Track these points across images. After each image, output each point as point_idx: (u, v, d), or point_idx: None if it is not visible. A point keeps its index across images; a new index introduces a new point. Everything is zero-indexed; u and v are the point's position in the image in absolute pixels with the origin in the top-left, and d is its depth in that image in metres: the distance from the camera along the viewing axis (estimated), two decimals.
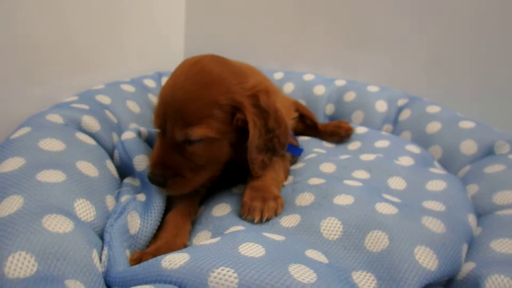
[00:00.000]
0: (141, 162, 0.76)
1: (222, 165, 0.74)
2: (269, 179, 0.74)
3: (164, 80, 1.24)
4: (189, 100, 0.63)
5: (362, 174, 0.81)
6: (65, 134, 0.73)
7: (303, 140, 1.10)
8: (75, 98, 0.91)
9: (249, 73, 0.72)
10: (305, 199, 0.72)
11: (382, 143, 0.99)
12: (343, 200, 0.68)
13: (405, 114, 1.08)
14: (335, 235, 0.62)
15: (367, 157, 0.87)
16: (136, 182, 0.77)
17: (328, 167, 0.84)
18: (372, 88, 1.17)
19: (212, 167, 0.71)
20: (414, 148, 0.95)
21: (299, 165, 0.88)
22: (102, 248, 0.58)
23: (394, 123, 1.10)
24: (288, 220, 0.67)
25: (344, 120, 1.10)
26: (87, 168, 0.68)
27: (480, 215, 0.72)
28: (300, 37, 1.34)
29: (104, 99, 0.96)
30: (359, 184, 0.74)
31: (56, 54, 0.98)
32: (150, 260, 0.54)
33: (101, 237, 0.61)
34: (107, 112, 0.91)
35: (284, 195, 0.75)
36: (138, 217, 0.66)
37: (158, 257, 0.53)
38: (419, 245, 0.57)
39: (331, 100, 1.20)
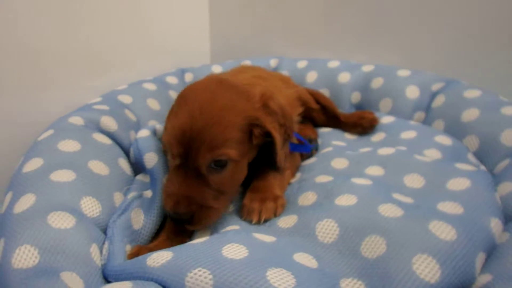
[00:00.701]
0: (151, 159, 0.78)
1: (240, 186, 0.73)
2: (271, 178, 0.73)
3: (187, 76, 1.24)
4: (211, 125, 0.61)
5: (376, 170, 0.75)
6: (82, 135, 0.77)
7: (324, 132, 1.04)
8: (99, 99, 0.96)
9: (251, 84, 0.75)
10: (307, 198, 0.69)
11: (408, 134, 0.90)
12: (345, 200, 0.64)
13: (439, 100, 0.97)
14: (330, 238, 0.59)
15: (385, 151, 0.80)
16: (147, 179, 0.79)
17: (340, 163, 0.79)
18: (403, 73, 1.07)
19: (233, 190, 0.70)
20: (445, 139, 0.85)
21: (311, 160, 0.84)
22: (104, 243, 0.62)
23: (427, 111, 1.00)
24: (286, 221, 0.66)
25: (368, 110, 1.03)
26: (98, 167, 0.72)
27: (511, 219, 0.62)
28: (325, 23, 1.26)
29: (126, 99, 0.99)
30: (368, 182, 0.69)
31: (81, 57, 1.04)
32: (140, 257, 0.55)
33: (105, 232, 0.64)
34: (127, 111, 0.94)
35: (288, 194, 0.73)
36: (142, 213, 0.69)
37: (146, 254, 0.55)
38: (420, 253, 0.51)
39: (357, 87, 1.12)
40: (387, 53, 1.17)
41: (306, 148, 0.86)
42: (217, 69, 1.29)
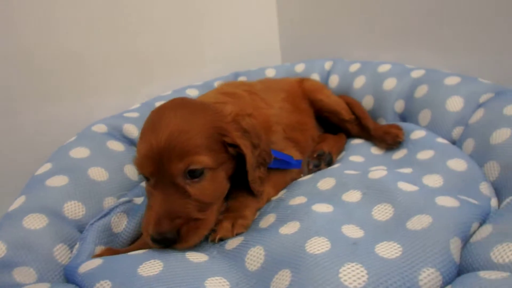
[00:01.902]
0: None
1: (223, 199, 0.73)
2: (241, 198, 0.73)
3: (240, 80, 1.32)
4: (177, 135, 0.61)
5: (353, 196, 0.71)
6: (96, 143, 0.89)
7: (353, 143, 1.01)
8: (138, 105, 1.08)
9: (220, 101, 0.77)
10: (268, 220, 0.69)
11: (425, 154, 0.81)
12: (287, 229, 0.62)
13: (478, 115, 0.83)
14: (255, 265, 0.58)
15: (377, 174, 0.75)
16: None
17: (326, 184, 0.77)
18: (451, 80, 0.93)
19: (218, 202, 0.69)
20: (460, 164, 0.74)
21: (306, 177, 0.84)
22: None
23: (466, 126, 0.86)
24: (232, 243, 0.65)
25: (397, 124, 0.94)
26: (97, 173, 0.82)
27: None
28: (390, 23, 1.16)
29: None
30: (329, 210, 0.67)
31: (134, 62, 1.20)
32: (78, 261, 0.62)
33: None
34: None
35: (262, 212, 0.73)
36: (126, 218, 0.76)
37: (81, 261, 0.62)
38: None
39: (402, 95, 1.02)
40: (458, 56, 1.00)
41: (291, 165, 0.83)
42: (271, 72, 1.33)
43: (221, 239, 0.66)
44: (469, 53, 0.98)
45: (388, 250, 0.55)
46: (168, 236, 0.59)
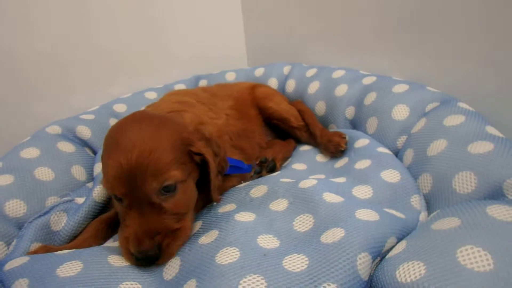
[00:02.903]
0: (98, 168, 0.88)
1: None
2: None
3: (201, 83, 1.30)
4: (148, 153, 0.60)
5: (280, 204, 0.69)
6: (46, 143, 0.91)
7: (301, 150, 0.99)
8: (96, 107, 1.10)
9: (177, 110, 0.78)
10: (196, 227, 0.69)
11: (362, 164, 0.79)
12: (206, 238, 0.63)
13: (420, 125, 0.81)
14: (171, 275, 0.59)
15: (307, 183, 0.72)
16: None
17: (258, 191, 0.75)
18: (399, 88, 0.91)
19: (191, 211, 0.69)
20: (393, 176, 0.73)
21: (240, 185, 0.81)
22: None
23: (409, 135, 0.84)
24: None
25: (340, 131, 0.92)
26: (43, 173, 0.84)
27: None
28: (351, 28, 1.14)
29: (120, 107, 1.11)
30: (249, 219, 0.65)
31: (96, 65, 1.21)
32: (12, 258, 0.63)
33: None
34: (111, 120, 1.06)
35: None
36: (66, 216, 0.78)
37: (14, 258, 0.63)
38: None
39: (353, 102, 1.00)
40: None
41: (243, 170, 0.83)
42: (231, 76, 1.32)
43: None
44: (424, 60, 0.95)
45: (295, 263, 0.55)
46: (150, 254, 0.60)
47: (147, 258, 0.60)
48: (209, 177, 0.68)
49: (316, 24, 1.25)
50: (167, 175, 0.61)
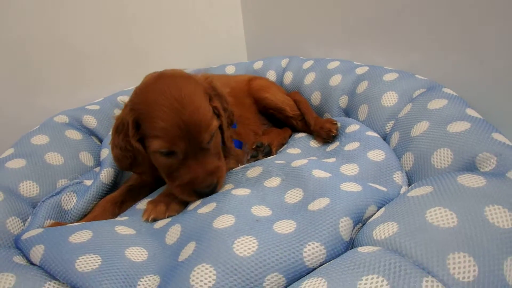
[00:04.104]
0: (104, 153, 0.95)
1: None
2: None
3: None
4: (195, 111, 0.70)
5: (273, 182, 0.75)
6: (55, 131, 0.98)
7: (296, 137, 1.05)
8: (101, 99, 1.17)
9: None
10: (194, 205, 0.74)
11: (351, 146, 0.85)
12: (205, 209, 0.68)
13: (406, 109, 0.86)
14: (172, 240, 0.64)
15: (298, 162, 0.78)
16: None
17: (254, 172, 0.81)
18: (389, 76, 0.97)
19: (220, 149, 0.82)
20: (378, 155, 0.79)
21: (238, 168, 0.87)
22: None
23: (396, 120, 0.89)
24: (160, 223, 0.72)
25: (332, 119, 0.97)
26: (53, 157, 0.91)
27: None
28: (346, 22, 1.20)
29: (125, 99, 1.17)
30: (245, 193, 0.71)
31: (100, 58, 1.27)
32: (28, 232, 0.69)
33: None
34: (116, 111, 1.12)
35: None
36: (76, 197, 0.85)
37: (25, 231, 0.69)
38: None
39: (346, 91, 1.06)
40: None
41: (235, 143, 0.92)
42: (231, 69, 1.38)
43: (154, 219, 0.73)
44: (413, 51, 1.00)
45: (284, 226, 0.60)
46: (213, 186, 0.74)
47: (211, 190, 0.73)
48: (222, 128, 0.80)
49: (313, 18, 1.31)
50: (213, 126, 0.73)
